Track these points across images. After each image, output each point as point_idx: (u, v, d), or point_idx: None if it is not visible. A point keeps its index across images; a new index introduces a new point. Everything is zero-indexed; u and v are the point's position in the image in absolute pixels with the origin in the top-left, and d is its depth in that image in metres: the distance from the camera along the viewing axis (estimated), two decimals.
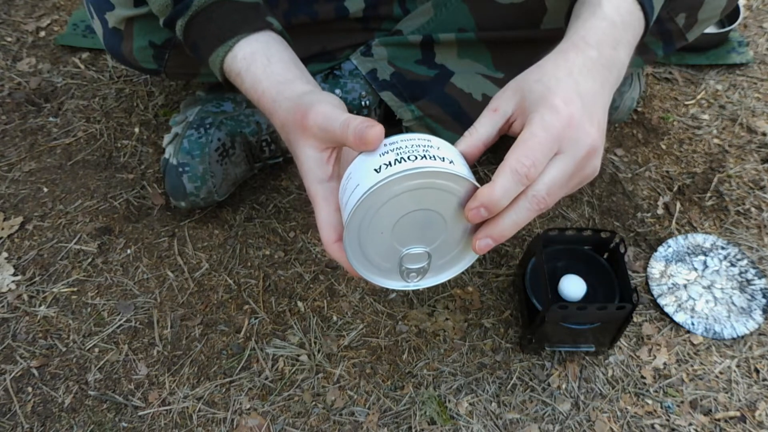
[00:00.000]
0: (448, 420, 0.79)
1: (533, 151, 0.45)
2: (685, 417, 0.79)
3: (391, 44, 0.89)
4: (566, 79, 0.49)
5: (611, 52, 0.52)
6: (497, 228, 0.47)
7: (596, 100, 0.49)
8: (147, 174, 1.02)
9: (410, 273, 0.51)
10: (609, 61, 0.51)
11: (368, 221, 0.46)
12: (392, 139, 0.48)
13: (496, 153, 1.06)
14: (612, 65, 0.52)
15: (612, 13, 0.53)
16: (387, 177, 0.44)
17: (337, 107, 0.51)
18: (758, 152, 1.06)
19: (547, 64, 0.50)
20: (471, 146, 0.50)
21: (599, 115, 0.49)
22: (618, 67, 0.52)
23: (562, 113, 0.46)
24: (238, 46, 0.60)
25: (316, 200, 0.52)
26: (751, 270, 0.91)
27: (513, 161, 0.45)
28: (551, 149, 0.46)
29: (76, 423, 0.79)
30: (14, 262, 0.92)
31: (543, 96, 0.47)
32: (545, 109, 0.47)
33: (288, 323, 0.87)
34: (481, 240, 0.48)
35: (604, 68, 0.51)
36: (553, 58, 0.51)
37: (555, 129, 0.46)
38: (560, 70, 0.49)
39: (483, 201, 0.45)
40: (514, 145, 0.46)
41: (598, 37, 0.51)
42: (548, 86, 0.48)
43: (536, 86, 0.49)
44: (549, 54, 0.52)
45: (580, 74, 0.49)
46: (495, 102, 0.51)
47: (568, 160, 0.47)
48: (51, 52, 1.20)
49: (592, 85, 0.49)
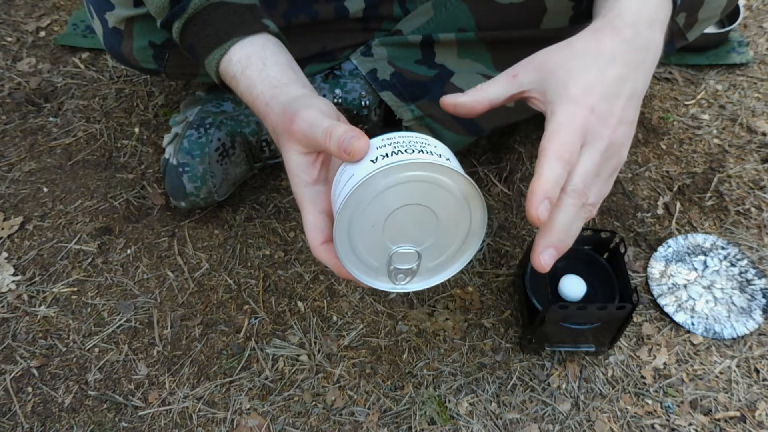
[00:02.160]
0: (448, 420, 0.79)
1: (569, 140, 0.45)
2: (685, 417, 0.79)
3: (391, 44, 0.89)
4: (592, 66, 0.48)
5: (647, 32, 0.50)
6: (554, 233, 0.46)
7: (621, 90, 0.48)
8: (147, 174, 1.02)
9: (398, 274, 0.51)
10: (645, 42, 0.50)
11: (360, 212, 0.46)
12: (389, 134, 0.48)
13: (496, 153, 1.06)
14: (648, 46, 0.50)
15: None
16: (383, 166, 0.44)
17: (324, 113, 0.51)
18: (758, 152, 1.06)
19: (576, 45, 0.49)
20: (477, 100, 0.49)
21: (622, 104, 0.48)
22: (654, 47, 0.51)
23: (582, 104, 0.46)
24: (234, 49, 0.60)
25: (302, 203, 0.52)
26: (751, 270, 0.91)
27: (556, 147, 0.45)
28: (579, 140, 0.46)
29: (76, 423, 0.79)
30: (14, 262, 0.92)
31: (565, 84, 0.47)
32: (567, 99, 0.46)
33: (288, 323, 0.87)
34: (543, 253, 0.46)
35: (639, 50, 0.50)
36: (585, 38, 0.49)
37: (577, 121, 0.46)
38: (588, 55, 0.48)
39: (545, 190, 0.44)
40: (547, 134, 0.46)
41: (633, 15, 0.50)
42: (572, 74, 0.47)
43: (560, 71, 0.48)
44: (583, 31, 0.50)
45: (609, 61, 0.48)
46: (516, 69, 0.50)
47: (593, 151, 0.47)
48: (51, 52, 1.20)
49: (619, 72, 0.48)
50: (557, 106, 0.47)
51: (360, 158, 0.46)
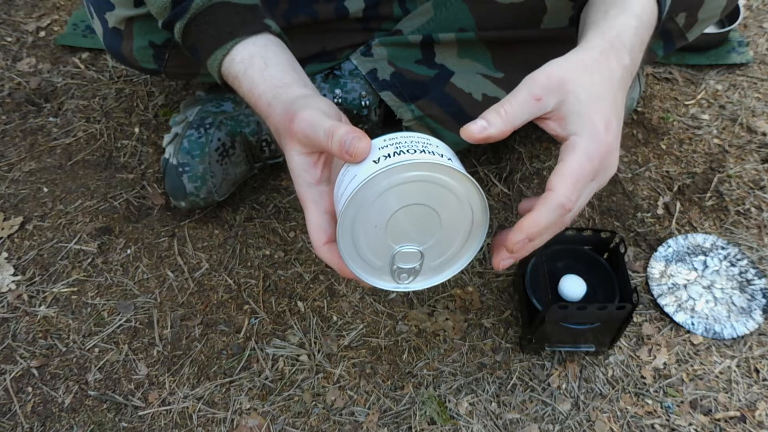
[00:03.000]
0: (448, 420, 0.79)
1: (580, 184, 0.46)
2: (685, 417, 0.79)
3: (391, 44, 0.89)
4: (607, 95, 0.49)
5: (638, 55, 0.52)
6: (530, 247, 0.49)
7: (622, 116, 0.50)
8: (147, 174, 1.02)
9: (401, 273, 0.51)
10: (634, 66, 0.52)
11: (363, 212, 0.46)
12: (391, 135, 0.48)
13: (496, 153, 1.06)
14: (634, 69, 0.52)
15: (639, 11, 0.53)
16: (386, 166, 0.44)
17: (325, 114, 0.51)
18: (758, 152, 1.06)
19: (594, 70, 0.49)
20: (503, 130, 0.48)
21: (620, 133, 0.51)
22: (636, 69, 0.53)
23: (603, 142, 0.47)
24: (236, 49, 0.60)
25: (305, 203, 0.52)
26: (751, 270, 0.91)
27: (563, 197, 0.45)
28: (592, 179, 0.48)
29: (76, 423, 0.79)
30: (14, 262, 0.92)
31: (589, 116, 0.48)
32: (590, 136, 0.47)
33: (288, 323, 0.87)
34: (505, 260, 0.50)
35: (631, 75, 0.52)
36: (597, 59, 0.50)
37: (597, 160, 0.47)
38: (604, 83, 0.49)
39: (530, 233, 0.46)
40: (562, 172, 0.46)
41: (631, 39, 0.51)
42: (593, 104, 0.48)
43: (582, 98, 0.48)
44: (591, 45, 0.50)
45: (618, 89, 0.50)
46: (540, 91, 0.48)
47: (597, 185, 0.49)
48: (51, 52, 1.20)
49: (622, 99, 0.50)
50: (579, 139, 0.47)
51: (362, 159, 0.47)
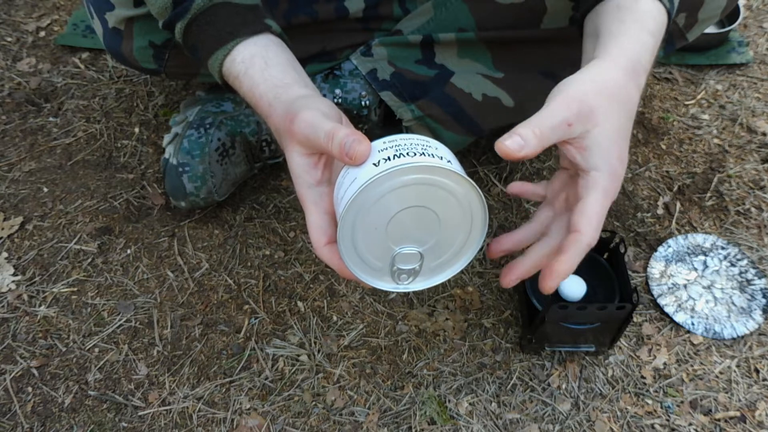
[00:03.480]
0: (448, 420, 0.79)
1: (601, 221, 0.49)
2: (685, 417, 0.79)
3: (391, 44, 0.89)
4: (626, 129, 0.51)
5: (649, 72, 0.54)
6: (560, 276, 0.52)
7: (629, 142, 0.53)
8: (147, 174, 1.02)
9: (401, 274, 0.51)
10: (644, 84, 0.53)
11: (363, 215, 0.46)
12: (391, 137, 0.48)
13: (496, 153, 1.06)
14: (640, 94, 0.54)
15: (653, 27, 0.54)
16: (386, 170, 0.44)
17: (326, 115, 0.51)
18: (758, 152, 1.06)
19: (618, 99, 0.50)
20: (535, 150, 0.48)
21: None
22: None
23: (618, 177, 0.50)
24: (237, 49, 0.60)
25: (305, 204, 0.53)
26: (751, 270, 0.91)
27: (590, 238, 0.49)
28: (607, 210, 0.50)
29: (76, 423, 0.79)
30: (14, 262, 0.92)
31: (609, 152, 0.50)
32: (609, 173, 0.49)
33: (288, 323, 0.87)
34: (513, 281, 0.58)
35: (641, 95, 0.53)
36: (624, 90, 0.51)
37: (612, 194, 0.50)
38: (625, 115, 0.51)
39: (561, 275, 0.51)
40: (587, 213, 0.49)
41: (649, 59, 0.53)
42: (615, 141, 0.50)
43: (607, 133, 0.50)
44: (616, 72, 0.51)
45: (632, 118, 0.52)
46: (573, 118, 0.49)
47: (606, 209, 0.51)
48: (51, 52, 1.20)
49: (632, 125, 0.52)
50: (600, 176, 0.49)
51: (362, 162, 0.47)
